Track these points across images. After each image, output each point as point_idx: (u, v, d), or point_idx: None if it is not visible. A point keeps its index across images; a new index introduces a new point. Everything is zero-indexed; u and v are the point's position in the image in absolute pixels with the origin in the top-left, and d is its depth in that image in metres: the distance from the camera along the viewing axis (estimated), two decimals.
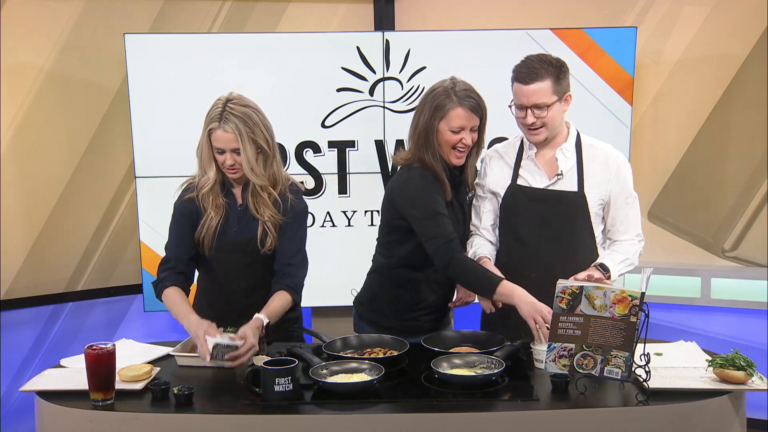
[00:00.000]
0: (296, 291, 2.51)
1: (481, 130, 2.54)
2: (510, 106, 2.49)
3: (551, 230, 2.50)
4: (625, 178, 2.55)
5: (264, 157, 2.44)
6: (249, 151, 2.38)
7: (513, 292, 2.34)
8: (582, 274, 2.32)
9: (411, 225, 2.50)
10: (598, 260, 2.47)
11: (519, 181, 2.55)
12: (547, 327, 2.18)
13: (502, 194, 2.56)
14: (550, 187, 2.51)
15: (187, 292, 2.50)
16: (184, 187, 2.56)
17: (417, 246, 2.51)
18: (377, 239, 2.71)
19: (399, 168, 2.62)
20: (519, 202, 2.53)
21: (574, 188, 2.50)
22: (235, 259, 2.51)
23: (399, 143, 3.57)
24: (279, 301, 2.45)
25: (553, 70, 2.41)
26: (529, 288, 2.48)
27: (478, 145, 2.57)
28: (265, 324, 2.35)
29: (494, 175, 2.60)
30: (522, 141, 2.59)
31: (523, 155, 2.57)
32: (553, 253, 2.49)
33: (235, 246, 2.49)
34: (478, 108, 2.48)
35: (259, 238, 2.47)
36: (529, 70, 2.41)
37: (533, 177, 2.53)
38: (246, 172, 2.41)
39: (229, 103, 2.39)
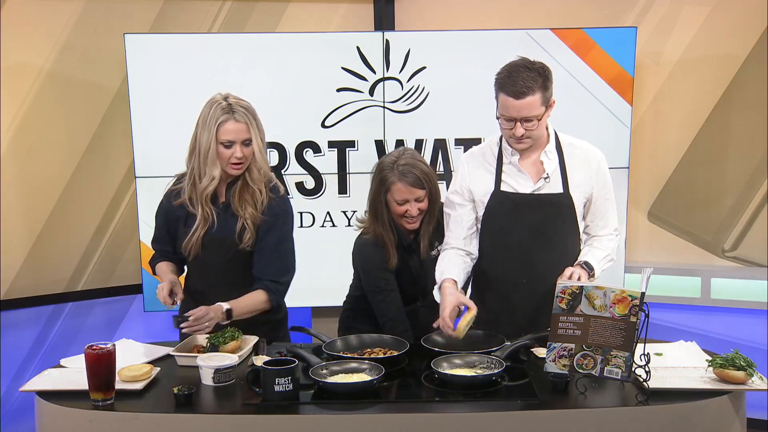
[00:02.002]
0: (273, 291, 2.50)
1: (432, 197, 2.62)
2: (498, 118, 2.43)
3: (541, 234, 2.48)
4: (605, 175, 2.55)
5: (264, 149, 2.51)
6: (258, 139, 2.46)
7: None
8: (567, 272, 2.33)
9: None
10: (582, 258, 2.47)
11: (503, 188, 2.50)
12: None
13: (486, 201, 2.52)
14: (537, 192, 2.48)
15: (179, 271, 2.65)
16: (174, 191, 2.57)
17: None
18: None
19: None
20: (505, 209, 2.49)
21: (560, 189, 2.49)
22: (213, 255, 2.52)
23: (399, 143, 3.57)
24: (250, 296, 2.49)
25: (541, 80, 2.36)
26: (521, 294, 2.48)
27: (431, 210, 2.63)
28: (225, 309, 2.39)
29: (475, 182, 2.54)
30: (500, 145, 2.54)
31: (504, 160, 2.52)
32: (544, 256, 2.47)
33: (212, 241, 2.51)
34: (419, 182, 2.57)
35: (237, 232, 2.48)
36: (519, 84, 2.33)
37: (518, 182, 2.50)
38: (258, 160, 2.47)
39: (229, 98, 2.45)
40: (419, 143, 3.59)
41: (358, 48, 3.55)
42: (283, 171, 3.58)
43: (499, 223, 2.51)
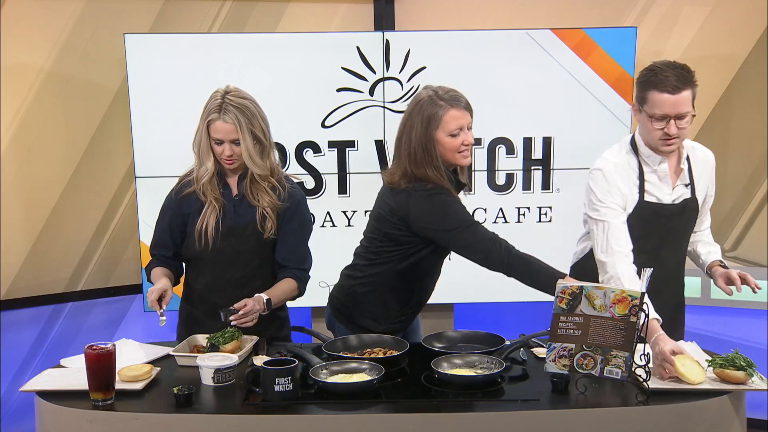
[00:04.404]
0: (301, 279, 2.57)
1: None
2: (650, 117, 2.37)
3: (671, 241, 2.49)
4: (714, 173, 2.60)
5: (261, 147, 2.49)
6: (248, 141, 2.44)
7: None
8: (736, 278, 2.42)
9: (442, 243, 2.44)
10: (713, 258, 2.55)
11: (647, 198, 2.47)
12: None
13: (629, 211, 2.46)
14: (677, 200, 2.48)
15: (175, 279, 2.59)
16: (182, 182, 2.59)
17: (420, 260, 2.50)
18: (364, 244, 2.63)
19: (407, 190, 2.43)
20: (648, 219, 2.46)
21: (689, 195, 2.50)
22: (230, 245, 2.52)
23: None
24: (283, 285, 2.53)
25: (691, 77, 2.35)
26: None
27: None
28: (265, 300, 2.42)
29: (621, 192, 2.45)
30: (638, 152, 2.48)
31: (645, 168, 2.47)
32: (669, 262, 2.46)
33: (231, 231, 2.51)
34: (468, 105, 2.44)
35: (258, 222, 2.51)
36: (673, 79, 2.32)
37: (660, 191, 2.47)
38: (246, 162, 2.47)
39: (227, 95, 2.45)
40: None
41: (358, 48, 3.54)
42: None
43: (639, 231, 2.45)
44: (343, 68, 3.55)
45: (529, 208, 3.66)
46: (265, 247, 2.56)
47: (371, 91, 3.57)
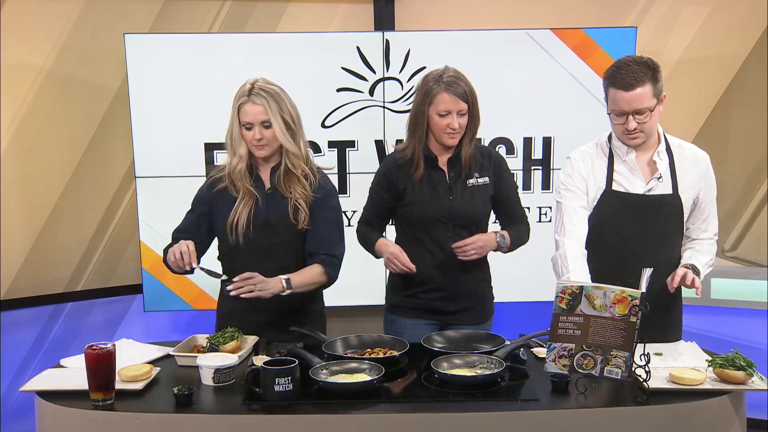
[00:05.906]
0: (328, 264, 2.57)
1: (472, 115, 2.61)
2: (608, 114, 2.45)
3: (648, 236, 2.47)
4: (712, 177, 2.57)
5: (291, 133, 2.53)
6: (280, 122, 2.50)
7: (380, 248, 2.71)
8: (681, 272, 2.37)
9: None
10: (687, 261, 2.49)
11: (614, 187, 2.49)
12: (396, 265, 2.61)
13: (596, 199, 2.51)
14: (648, 193, 2.48)
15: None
16: (212, 178, 2.61)
17: (399, 224, 2.77)
18: None
19: None
20: (616, 209, 2.48)
21: (669, 191, 2.49)
22: (264, 238, 2.54)
23: (399, 143, 3.56)
24: (308, 270, 2.54)
25: (651, 72, 2.38)
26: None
27: (471, 128, 2.63)
28: (284, 279, 2.44)
29: (593, 179, 2.52)
30: (610, 145, 2.53)
31: (616, 159, 2.51)
32: (650, 258, 2.43)
33: (264, 223, 2.53)
34: (464, 94, 2.57)
35: (291, 214, 2.53)
36: (629, 76, 2.35)
37: (629, 182, 2.49)
38: (281, 140, 2.50)
39: (256, 83, 2.52)
40: None
41: (358, 48, 3.55)
42: None
43: (606, 222, 2.49)
44: (343, 68, 3.55)
45: (529, 208, 3.65)
46: (299, 238, 2.57)
47: (371, 91, 3.57)
